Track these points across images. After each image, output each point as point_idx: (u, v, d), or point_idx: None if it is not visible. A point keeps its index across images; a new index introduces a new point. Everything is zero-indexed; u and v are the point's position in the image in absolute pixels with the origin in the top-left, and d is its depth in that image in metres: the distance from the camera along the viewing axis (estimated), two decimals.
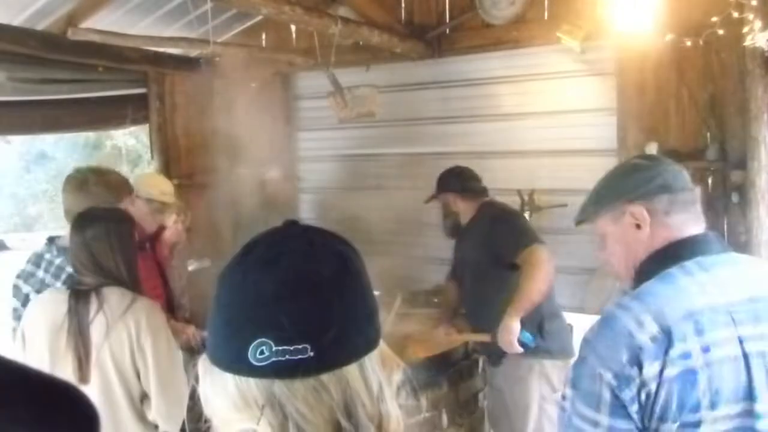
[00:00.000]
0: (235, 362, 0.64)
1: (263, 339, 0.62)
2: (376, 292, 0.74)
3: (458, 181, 3.11)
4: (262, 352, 0.62)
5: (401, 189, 4.86)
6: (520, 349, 2.66)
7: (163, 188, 3.25)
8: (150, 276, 3.22)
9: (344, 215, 5.01)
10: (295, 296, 0.64)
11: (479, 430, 3.02)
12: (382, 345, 0.71)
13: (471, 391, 2.95)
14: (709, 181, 3.74)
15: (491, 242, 2.91)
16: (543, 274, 2.69)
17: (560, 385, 2.85)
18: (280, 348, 0.61)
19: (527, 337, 2.67)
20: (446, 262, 4.34)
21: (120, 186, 2.62)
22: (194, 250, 5.17)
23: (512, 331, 2.64)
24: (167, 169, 5.07)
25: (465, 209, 3.10)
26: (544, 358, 2.85)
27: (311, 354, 0.62)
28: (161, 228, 3.37)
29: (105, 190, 2.46)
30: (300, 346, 0.61)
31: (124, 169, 13.79)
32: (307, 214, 5.07)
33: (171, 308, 3.35)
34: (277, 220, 0.75)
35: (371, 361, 0.67)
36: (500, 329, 2.67)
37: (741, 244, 3.52)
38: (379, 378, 0.68)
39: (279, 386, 0.62)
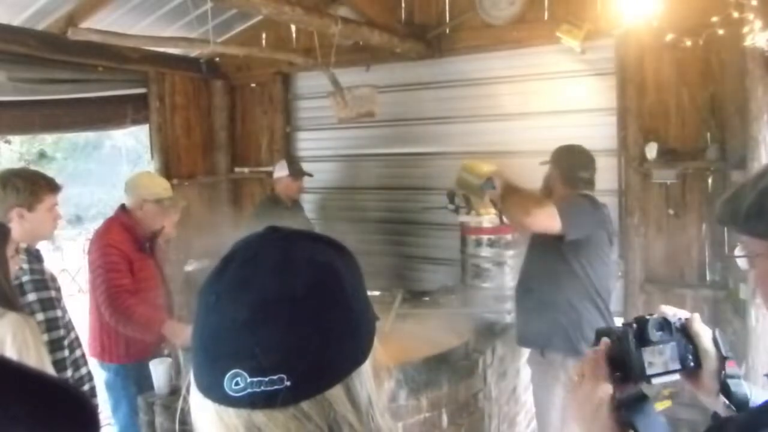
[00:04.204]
0: (212, 390, 0.62)
1: (237, 370, 0.60)
2: (375, 293, 0.72)
3: (566, 162, 2.98)
4: (237, 383, 0.60)
5: (401, 189, 4.86)
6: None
7: (164, 185, 3.33)
8: (150, 276, 3.23)
9: (344, 215, 5.01)
10: (268, 323, 0.61)
11: (479, 430, 3.02)
12: (376, 351, 0.67)
13: (471, 391, 2.94)
14: (709, 181, 3.74)
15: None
16: (540, 209, 2.64)
17: None
18: (255, 379, 0.59)
19: (489, 185, 2.82)
20: (446, 262, 4.36)
21: (33, 188, 2.37)
22: (194, 250, 5.18)
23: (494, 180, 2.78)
24: (167, 169, 5.07)
25: (557, 192, 2.97)
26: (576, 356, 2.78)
27: (288, 384, 0.59)
28: (160, 228, 3.37)
29: (14, 193, 2.30)
30: (275, 377, 0.59)
31: (124, 169, 13.79)
32: (307, 214, 5.06)
33: (171, 308, 3.35)
34: (285, 217, 0.73)
35: (360, 376, 0.64)
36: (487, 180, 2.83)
37: None
38: (368, 392, 0.65)
39: (258, 416, 0.60)
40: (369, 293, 0.71)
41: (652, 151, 3.77)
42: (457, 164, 4.47)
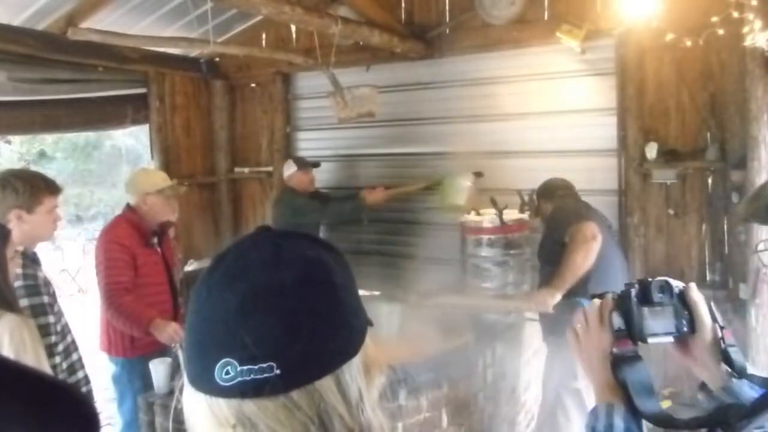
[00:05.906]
0: (204, 381, 0.63)
1: (228, 359, 0.61)
2: (375, 293, 0.72)
3: (542, 188, 3.44)
4: (227, 372, 0.61)
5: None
6: (551, 310, 2.88)
7: (162, 176, 3.46)
8: (153, 271, 3.24)
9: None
10: (258, 312, 0.62)
11: (479, 430, 3.02)
12: (367, 347, 0.68)
13: (471, 391, 2.94)
14: (709, 181, 3.74)
15: (547, 231, 3.24)
16: (583, 250, 2.86)
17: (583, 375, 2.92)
18: (245, 368, 0.60)
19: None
20: (446, 261, 4.36)
21: (32, 190, 2.32)
22: (194, 250, 5.18)
23: (547, 302, 2.85)
24: (167, 169, 5.06)
25: (546, 209, 3.37)
26: None
27: (277, 372, 0.60)
28: (167, 224, 3.39)
29: (13, 194, 2.26)
30: (265, 365, 0.60)
31: (124, 169, 13.81)
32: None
33: (176, 305, 3.36)
34: (310, 204, 0.72)
35: (351, 369, 0.65)
36: (539, 294, 2.93)
37: (740, 243, 3.52)
38: (359, 387, 0.65)
39: (248, 405, 0.61)
40: (369, 293, 0.71)
41: (652, 151, 3.77)
42: (457, 165, 4.49)
